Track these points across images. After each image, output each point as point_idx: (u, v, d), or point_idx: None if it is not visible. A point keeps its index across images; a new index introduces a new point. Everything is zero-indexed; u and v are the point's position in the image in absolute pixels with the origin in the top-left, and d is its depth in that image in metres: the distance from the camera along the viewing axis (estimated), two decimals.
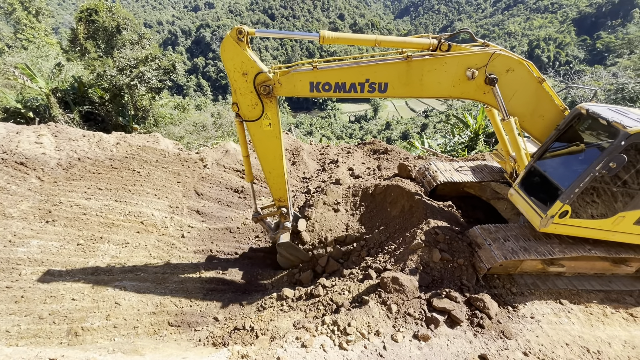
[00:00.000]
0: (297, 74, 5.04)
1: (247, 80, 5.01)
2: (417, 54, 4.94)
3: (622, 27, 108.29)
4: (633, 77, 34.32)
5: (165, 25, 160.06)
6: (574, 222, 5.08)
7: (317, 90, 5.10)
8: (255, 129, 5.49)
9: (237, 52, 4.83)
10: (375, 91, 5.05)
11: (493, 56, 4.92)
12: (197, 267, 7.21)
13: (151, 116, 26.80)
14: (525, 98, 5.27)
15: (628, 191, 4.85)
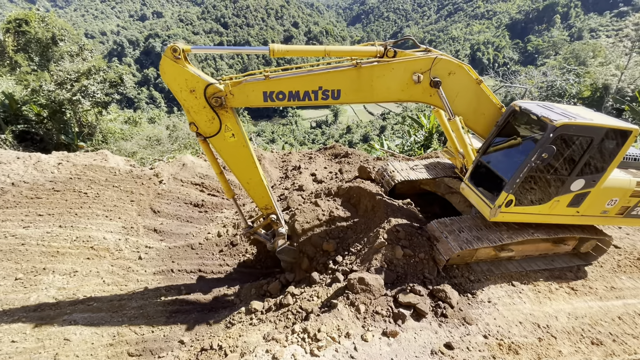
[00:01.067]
0: (250, 84, 4.99)
1: (197, 96, 4.89)
2: (365, 61, 5.12)
3: (547, 32, 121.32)
4: (559, 75, 38.26)
5: (109, 35, 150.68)
6: (518, 210, 5.54)
7: (271, 99, 5.09)
8: (220, 144, 5.34)
9: (177, 71, 4.71)
10: (329, 98, 5.16)
11: (435, 61, 5.23)
12: (158, 290, 6.79)
13: (99, 132, 25.02)
14: (467, 98, 5.64)
15: (560, 177, 5.39)
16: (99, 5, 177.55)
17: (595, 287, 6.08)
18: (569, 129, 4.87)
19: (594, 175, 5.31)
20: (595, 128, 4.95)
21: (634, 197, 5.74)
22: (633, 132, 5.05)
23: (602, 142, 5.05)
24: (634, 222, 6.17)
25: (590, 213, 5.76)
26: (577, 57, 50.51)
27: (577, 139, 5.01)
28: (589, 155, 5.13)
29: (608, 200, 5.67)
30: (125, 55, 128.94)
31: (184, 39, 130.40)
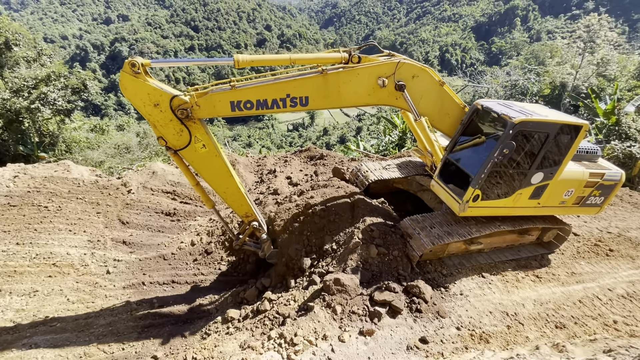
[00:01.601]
0: (216, 94, 4.87)
1: (162, 110, 4.74)
2: (331, 67, 5.17)
3: (509, 34, 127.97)
4: (521, 74, 40.34)
5: (71, 39, 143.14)
6: (485, 204, 5.79)
7: (239, 109, 5.00)
8: (192, 156, 5.20)
9: (138, 86, 4.57)
10: (298, 105, 5.14)
11: (399, 65, 5.34)
12: (128, 305, 6.49)
13: (62, 142, 23.68)
14: (431, 99, 5.81)
15: (522, 171, 5.68)
16: (58, 8, 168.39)
17: (557, 274, 6.44)
18: (527, 125, 5.14)
19: (552, 168, 5.65)
20: (550, 124, 5.26)
21: (587, 187, 6.15)
22: (583, 127, 5.40)
23: (557, 136, 5.37)
24: (590, 211, 6.60)
25: (550, 204, 6.11)
26: (536, 57, 53.58)
27: (535, 134, 5.30)
28: (546, 150, 5.44)
29: (565, 191, 6.05)
30: (90, 60, 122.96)
31: (153, 42, 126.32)
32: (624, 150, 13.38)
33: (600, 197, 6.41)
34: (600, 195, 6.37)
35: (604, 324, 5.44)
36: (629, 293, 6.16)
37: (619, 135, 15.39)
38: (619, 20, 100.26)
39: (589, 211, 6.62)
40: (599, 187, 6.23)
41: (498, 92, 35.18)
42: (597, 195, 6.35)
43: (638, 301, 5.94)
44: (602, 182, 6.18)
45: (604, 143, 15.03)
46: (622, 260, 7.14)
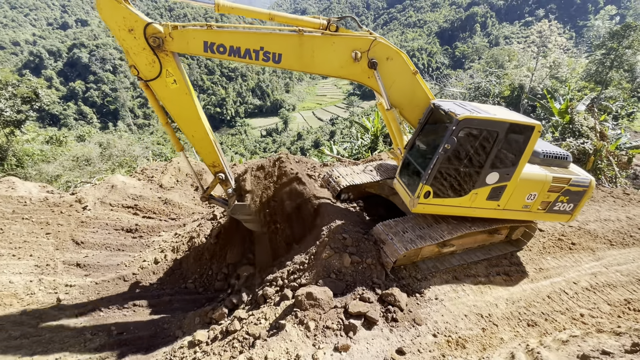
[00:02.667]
0: (191, 30, 5.02)
1: (136, 36, 4.84)
2: (308, 30, 5.25)
3: (470, 39, 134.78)
4: (483, 77, 42.32)
5: (24, 45, 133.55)
6: (437, 202, 5.78)
7: (211, 51, 5.12)
8: (161, 89, 5.30)
9: (114, 7, 4.67)
10: (270, 61, 5.23)
11: (374, 42, 5.42)
12: (82, 334, 5.88)
13: (11, 155, 21.77)
14: (403, 86, 5.83)
15: (474, 170, 5.67)
16: (8, 12, 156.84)
17: (526, 271, 6.58)
18: (472, 122, 5.18)
19: (507, 169, 5.60)
20: (498, 122, 5.29)
21: (552, 192, 5.97)
22: (536, 127, 5.32)
23: (509, 136, 5.38)
24: (559, 218, 6.33)
25: (512, 207, 5.97)
26: (496, 61, 56.66)
27: (482, 132, 5.32)
28: (498, 149, 5.44)
29: (527, 195, 5.90)
30: (45, 67, 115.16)
31: (116, 49, 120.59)
32: (578, 146, 14.22)
33: (569, 204, 6.17)
34: (569, 201, 6.14)
35: (572, 318, 5.57)
36: (592, 285, 6.39)
37: (572, 132, 16.40)
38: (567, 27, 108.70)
39: (559, 218, 6.34)
40: (565, 193, 6.02)
41: (463, 94, 36.77)
42: (565, 202, 6.11)
43: (601, 293, 6.16)
44: (568, 187, 5.99)
45: (560, 140, 15.94)
46: (583, 253, 7.44)
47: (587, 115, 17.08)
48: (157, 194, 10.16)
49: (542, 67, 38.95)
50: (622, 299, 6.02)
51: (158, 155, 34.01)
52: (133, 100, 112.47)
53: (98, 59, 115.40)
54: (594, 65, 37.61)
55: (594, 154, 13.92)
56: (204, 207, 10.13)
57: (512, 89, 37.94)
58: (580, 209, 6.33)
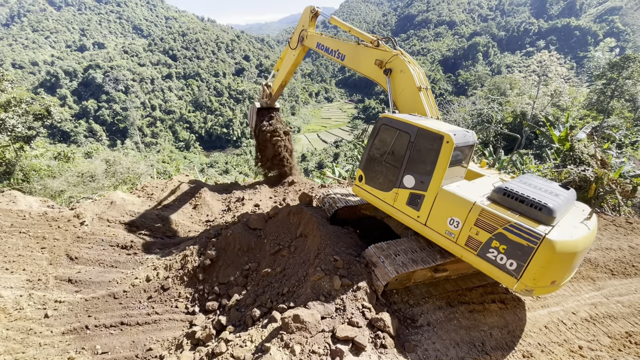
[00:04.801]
0: (314, 35, 9.50)
1: (302, 28, 10.00)
2: (365, 43, 7.93)
3: (473, 67, 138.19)
4: (485, 104, 43.08)
5: (42, 65, 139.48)
6: (367, 188, 6.42)
7: (319, 47, 9.20)
8: (287, 49, 10.58)
9: (307, 18, 9.95)
10: (339, 58, 8.52)
11: (392, 57, 7.20)
12: (66, 353, 5.77)
13: (19, 170, 22.22)
14: (407, 96, 6.96)
15: (391, 166, 5.97)
16: (30, 34, 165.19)
17: (522, 298, 6.40)
18: (389, 121, 5.97)
19: (423, 176, 5.50)
20: (409, 125, 5.68)
21: (481, 229, 4.73)
22: (444, 138, 5.18)
23: (420, 142, 5.54)
24: (497, 274, 4.67)
25: (434, 226, 5.36)
26: (498, 88, 57.82)
27: (396, 132, 5.81)
28: (411, 152, 5.66)
29: (449, 217, 5.11)
30: (61, 86, 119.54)
31: (129, 70, 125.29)
32: (579, 174, 14.18)
33: (509, 260, 4.49)
34: (509, 255, 4.49)
35: (570, 350, 5.36)
36: (591, 316, 6.18)
37: (573, 160, 16.41)
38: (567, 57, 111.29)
39: (499, 275, 4.63)
40: (501, 239, 4.56)
41: (466, 120, 37.26)
42: (503, 253, 4.54)
43: (601, 324, 5.95)
44: (503, 232, 4.51)
45: (560, 167, 15.92)
46: (583, 282, 7.25)
47: (587, 143, 17.16)
48: (155, 212, 10.22)
49: (543, 96, 39.57)
50: (623, 331, 5.80)
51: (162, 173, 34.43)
52: (142, 119, 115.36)
53: (112, 79, 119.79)
54: (595, 95, 38.14)
55: (595, 182, 13.83)
56: (200, 225, 10.15)
57: (514, 116, 38.42)
58: (536, 277, 4.32)
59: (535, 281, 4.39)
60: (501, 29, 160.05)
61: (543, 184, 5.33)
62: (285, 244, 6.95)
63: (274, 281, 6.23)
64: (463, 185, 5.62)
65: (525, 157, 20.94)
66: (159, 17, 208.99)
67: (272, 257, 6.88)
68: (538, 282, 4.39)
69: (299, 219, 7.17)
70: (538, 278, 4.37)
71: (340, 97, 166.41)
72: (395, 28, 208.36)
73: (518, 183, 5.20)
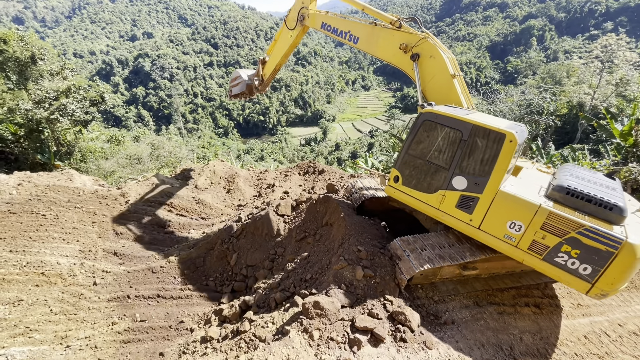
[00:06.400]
0: (318, 14, 8.29)
1: (295, 10, 8.78)
2: (381, 24, 6.99)
3: (525, 53, 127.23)
4: (537, 94, 39.70)
5: (98, 55, 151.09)
6: (405, 190, 5.85)
7: (324, 28, 8.10)
8: (284, 29, 9.28)
9: None
10: (351, 41, 7.52)
11: (421, 41, 6.29)
12: (110, 317, 6.37)
13: (77, 151, 24.49)
14: (439, 84, 6.19)
15: (438, 167, 5.44)
16: (89, 26, 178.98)
17: (562, 305, 5.96)
18: (433, 116, 5.34)
19: (477, 178, 5.04)
20: (460, 122, 5.05)
21: (549, 233, 4.50)
22: (507, 136, 4.70)
23: (475, 140, 4.98)
24: (567, 278, 4.48)
25: (490, 230, 5.02)
26: (553, 76, 52.82)
27: (444, 129, 5.22)
28: (463, 152, 5.11)
29: (509, 221, 4.81)
30: (114, 74, 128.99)
31: (174, 58, 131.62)
32: None
33: (583, 264, 4.30)
34: (582, 259, 4.30)
35: None
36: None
37: (637, 157, 14.68)
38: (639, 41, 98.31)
39: (569, 280, 4.46)
40: (573, 243, 4.32)
41: (513, 111, 34.62)
42: (576, 258, 4.34)
43: None
44: (576, 235, 4.28)
45: (620, 165, 14.33)
46: (635, 292, 6.59)
47: None
48: (191, 194, 10.80)
49: (606, 85, 35.55)
50: None
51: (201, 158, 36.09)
52: (185, 106, 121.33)
53: (158, 67, 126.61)
54: None
55: None
56: (232, 209, 10.57)
57: (569, 107, 35.03)
58: (614, 282, 4.16)
59: (613, 285, 4.24)
60: (561, 10, 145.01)
61: (592, 176, 5.08)
62: (311, 231, 7.04)
63: (298, 267, 6.35)
64: (515, 182, 5.28)
65: (579, 152, 19.09)
66: (202, 6, 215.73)
67: (297, 243, 7.01)
68: (615, 285, 4.25)
69: (325, 207, 7.19)
70: (616, 282, 4.22)
71: (378, 85, 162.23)
72: (439, 12, 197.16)
73: (574, 179, 4.95)
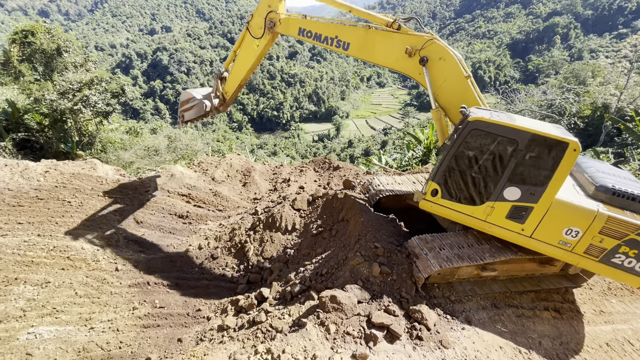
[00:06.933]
0: (293, 18, 6.95)
1: (260, 14, 7.14)
2: (375, 25, 6.22)
3: (548, 51, 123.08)
4: (559, 94, 38.36)
5: (119, 48, 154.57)
6: (446, 203, 5.48)
7: (302, 35, 6.88)
8: (248, 41, 7.59)
9: None
10: (340, 47, 6.52)
11: (428, 42, 5.77)
12: (131, 303, 6.58)
13: (98, 142, 25.20)
14: (452, 87, 5.84)
15: (487, 178, 5.16)
16: (110, 19, 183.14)
17: (583, 311, 5.82)
18: (484, 125, 4.87)
19: (533, 188, 4.92)
20: (516, 131, 4.76)
21: (607, 237, 4.75)
22: (571, 145, 4.59)
23: (532, 149, 4.78)
24: (623, 277, 4.92)
25: (543, 238, 5.10)
26: (577, 76, 50.95)
27: (497, 138, 4.88)
28: (518, 162, 4.89)
29: (565, 228, 4.92)
30: (133, 67, 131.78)
31: (191, 52, 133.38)
32: None
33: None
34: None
35: None
36: None
37: None
38: None
39: (626, 278, 4.91)
40: (631, 244, 4.66)
41: (533, 111, 33.60)
42: (633, 258, 4.72)
43: None
44: (636, 237, 4.62)
45: None
46: None
47: None
48: (209, 186, 10.99)
49: (634, 86, 34.08)
50: None
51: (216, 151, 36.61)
52: None
53: (176, 61, 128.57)
54: None
55: None
56: (248, 202, 10.71)
57: (593, 108, 33.78)
58: None
59: None
60: (588, 7, 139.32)
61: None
62: (327, 226, 7.07)
63: (314, 261, 6.40)
64: None
65: (603, 155, 18.44)
66: (220, 1, 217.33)
67: (313, 238, 7.06)
68: None
69: (342, 203, 7.20)
70: None
71: (393, 82, 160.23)
72: (459, 8, 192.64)
73: (611, 177, 5.17)
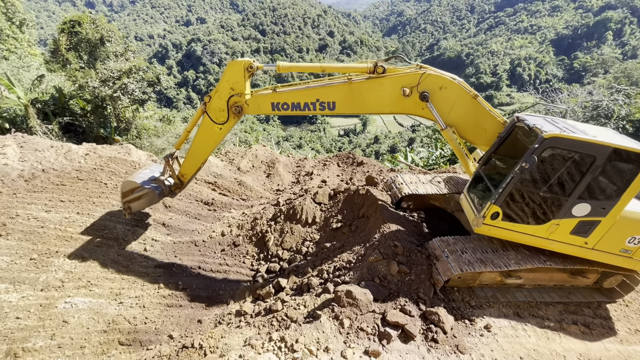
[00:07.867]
0: (260, 96, 5.95)
1: (222, 97, 6.01)
2: (357, 77, 5.59)
3: (597, 49, 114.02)
4: (607, 95, 35.70)
5: (156, 38, 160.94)
6: (507, 225, 5.17)
7: (277, 109, 5.95)
8: (207, 124, 6.30)
9: (239, 77, 5.82)
10: (326, 109, 5.80)
11: (423, 76, 5.45)
12: (157, 282, 6.95)
13: (134, 128, 26.49)
14: (462, 110, 5.65)
15: (557, 197, 4.89)
16: (149, 10, 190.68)
17: (616, 328, 5.45)
18: (561, 142, 4.52)
19: (604, 202, 4.74)
20: (597, 146, 4.47)
21: None
22: None
23: (610, 163, 4.52)
24: None
25: (605, 248, 5.08)
26: (629, 76, 46.84)
27: (574, 155, 4.58)
28: (593, 177, 4.61)
29: (629, 237, 4.94)
30: (169, 57, 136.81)
31: (224, 44, 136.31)
32: None
33: None
34: None
35: None
36: None
37: None
38: None
39: None
40: None
41: (576, 113, 31.40)
42: None
43: None
44: None
45: None
46: None
47: None
48: (234, 175, 11.28)
49: None
50: None
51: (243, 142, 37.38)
52: None
53: (209, 52, 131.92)
54: None
55: None
56: (271, 193, 10.89)
57: None
58: None
59: None
60: None
61: None
62: (347, 222, 7.06)
63: (332, 255, 6.43)
64: None
65: None
66: None
67: (333, 232, 7.08)
68: None
69: (363, 199, 7.15)
70: None
71: None
72: (500, 1, 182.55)
73: None
